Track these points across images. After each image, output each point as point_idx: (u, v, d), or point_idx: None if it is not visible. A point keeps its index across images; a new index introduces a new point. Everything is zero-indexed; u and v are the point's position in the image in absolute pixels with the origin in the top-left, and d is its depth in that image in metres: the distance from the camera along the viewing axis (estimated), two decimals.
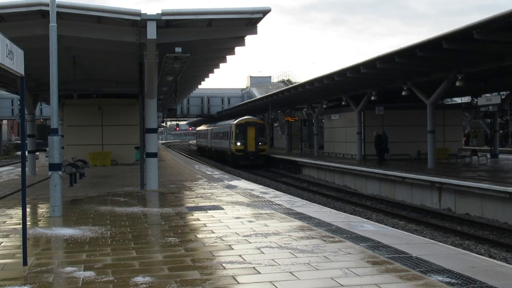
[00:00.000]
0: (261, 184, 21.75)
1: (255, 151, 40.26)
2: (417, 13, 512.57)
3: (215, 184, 18.05)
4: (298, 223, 10.07)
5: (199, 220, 10.63)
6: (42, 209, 12.68)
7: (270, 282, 6.04)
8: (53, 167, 11.58)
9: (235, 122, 41.26)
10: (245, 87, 71.51)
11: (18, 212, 11.81)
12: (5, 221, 10.83)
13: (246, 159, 40.22)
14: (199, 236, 8.96)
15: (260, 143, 40.49)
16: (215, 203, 13.04)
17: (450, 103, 42.36)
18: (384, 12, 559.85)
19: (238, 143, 40.39)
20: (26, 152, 18.47)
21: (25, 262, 7.00)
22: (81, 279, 6.29)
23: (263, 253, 7.52)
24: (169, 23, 14.15)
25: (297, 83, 40.44)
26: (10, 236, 9.24)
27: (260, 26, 14.70)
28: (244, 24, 14.75)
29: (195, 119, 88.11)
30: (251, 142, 40.29)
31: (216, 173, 24.11)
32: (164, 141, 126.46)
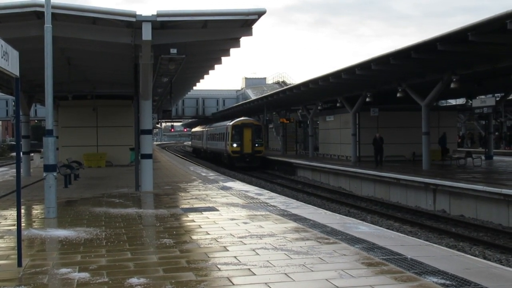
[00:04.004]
0: (256, 186, 21.73)
1: (252, 152, 40.18)
2: (401, 14, 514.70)
3: (210, 186, 18.03)
4: (293, 224, 10.08)
5: (194, 221, 10.62)
6: (37, 210, 12.64)
7: (265, 283, 6.04)
8: (47, 168, 11.55)
9: (231, 123, 41.15)
10: (240, 88, 71.56)
11: (12, 213, 11.77)
12: (0, 222, 10.80)
13: (243, 161, 40.16)
14: (194, 237, 8.95)
15: (256, 145, 40.39)
16: (210, 205, 13.03)
17: (445, 105, 42.50)
18: (367, 14, 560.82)
19: (235, 145, 40.28)
20: (21, 153, 18.39)
21: (19, 264, 6.98)
22: (76, 280, 6.28)
23: (258, 254, 7.52)
24: (164, 25, 14.13)
25: (292, 85, 40.49)
26: (5, 237, 9.21)
27: (254, 27, 14.71)
28: (239, 26, 14.74)
29: (190, 120, 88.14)
30: (248, 143, 40.20)
31: (211, 174, 24.09)
32: (159, 143, 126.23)
